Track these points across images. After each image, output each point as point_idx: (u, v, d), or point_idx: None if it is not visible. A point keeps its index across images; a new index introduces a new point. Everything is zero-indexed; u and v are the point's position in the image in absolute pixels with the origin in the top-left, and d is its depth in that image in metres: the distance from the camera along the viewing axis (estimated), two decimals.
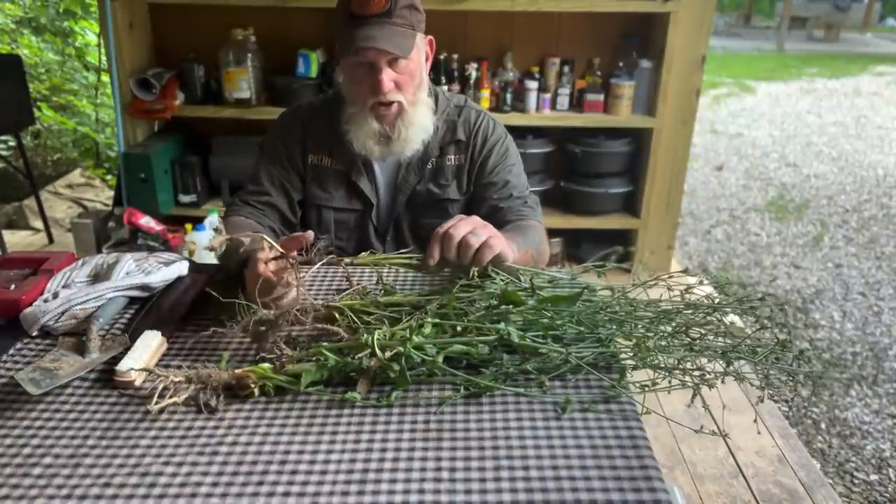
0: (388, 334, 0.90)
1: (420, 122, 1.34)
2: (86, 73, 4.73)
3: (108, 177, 4.32)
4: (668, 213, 3.19)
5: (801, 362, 0.93)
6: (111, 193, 3.81)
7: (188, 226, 2.95)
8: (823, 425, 2.32)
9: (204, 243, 2.79)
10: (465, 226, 1.02)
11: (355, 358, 0.88)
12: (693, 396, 0.89)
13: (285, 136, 1.43)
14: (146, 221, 2.85)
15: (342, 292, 1.05)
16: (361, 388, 0.88)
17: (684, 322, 0.95)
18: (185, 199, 3.12)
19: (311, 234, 1.00)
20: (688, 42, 2.87)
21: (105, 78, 4.40)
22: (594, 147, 3.06)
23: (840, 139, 6.58)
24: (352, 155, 1.39)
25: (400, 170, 1.41)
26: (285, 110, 1.50)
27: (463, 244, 1.00)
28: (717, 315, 0.97)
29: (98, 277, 1.15)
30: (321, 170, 1.43)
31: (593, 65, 3.09)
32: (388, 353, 0.87)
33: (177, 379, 0.85)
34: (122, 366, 0.89)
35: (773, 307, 0.97)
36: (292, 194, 1.42)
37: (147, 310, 1.09)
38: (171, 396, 0.84)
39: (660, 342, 0.92)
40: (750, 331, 0.96)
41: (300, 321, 0.92)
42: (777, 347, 0.92)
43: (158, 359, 0.96)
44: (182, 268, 1.18)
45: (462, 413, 0.85)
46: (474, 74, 2.97)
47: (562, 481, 0.73)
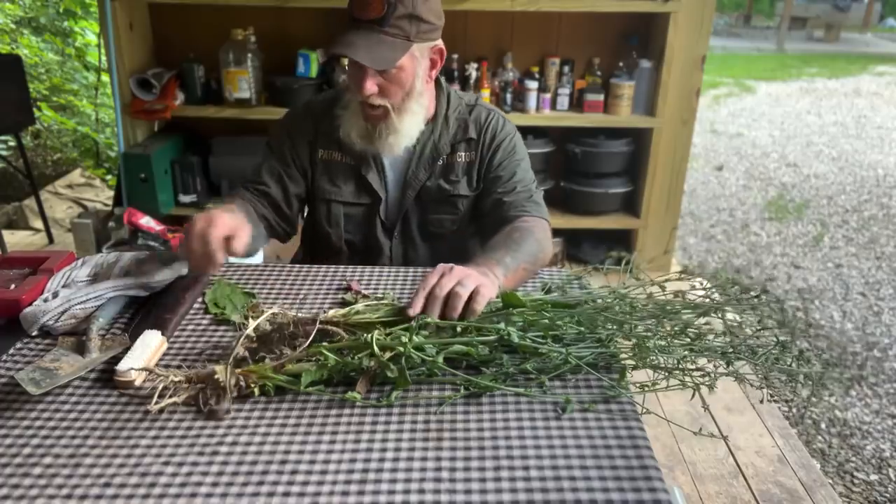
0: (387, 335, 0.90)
1: (405, 131, 1.34)
2: (86, 73, 4.73)
3: (108, 177, 4.31)
4: (667, 213, 3.19)
5: (800, 362, 0.93)
6: (111, 193, 3.80)
7: None
8: (823, 425, 2.32)
9: None
10: (450, 281, 0.98)
11: (355, 358, 0.88)
12: (693, 396, 0.89)
13: (293, 131, 1.44)
14: (146, 221, 2.85)
15: (335, 307, 1.04)
16: (361, 388, 0.88)
17: (684, 322, 0.95)
18: (185, 199, 3.13)
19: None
20: (688, 42, 2.87)
21: (105, 78, 4.40)
22: (594, 147, 3.06)
23: (840, 139, 6.57)
24: (362, 149, 1.39)
25: (410, 165, 1.42)
26: (298, 105, 1.51)
27: (452, 297, 0.96)
28: (717, 314, 0.97)
29: (98, 277, 1.15)
30: (331, 164, 1.44)
31: (593, 65, 3.09)
32: (387, 354, 0.87)
33: (177, 379, 0.85)
34: (122, 366, 0.89)
35: (771, 305, 0.97)
36: (289, 187, 1.43)
37: (147, 310, 1.09)
38: (171, 396, 0.84)
39: (659, 342, 0.92)
40: (750, 331, 0.96)
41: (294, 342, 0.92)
42: (777, 347, 0.93)
43: (158, 359, 0.96)
44: (182, 268, 1.18)
45: (462, 413, 0.85)
46: (474, 74, 2.97)
47: (562, 481, 0.73)
